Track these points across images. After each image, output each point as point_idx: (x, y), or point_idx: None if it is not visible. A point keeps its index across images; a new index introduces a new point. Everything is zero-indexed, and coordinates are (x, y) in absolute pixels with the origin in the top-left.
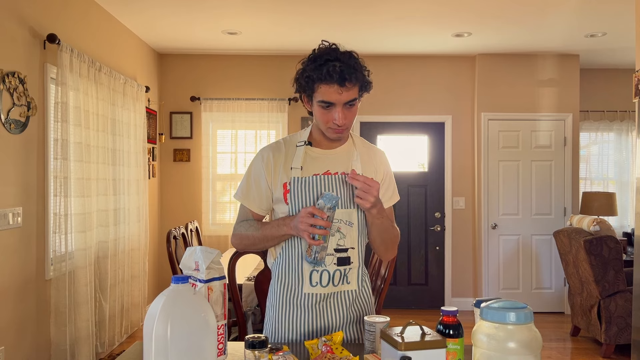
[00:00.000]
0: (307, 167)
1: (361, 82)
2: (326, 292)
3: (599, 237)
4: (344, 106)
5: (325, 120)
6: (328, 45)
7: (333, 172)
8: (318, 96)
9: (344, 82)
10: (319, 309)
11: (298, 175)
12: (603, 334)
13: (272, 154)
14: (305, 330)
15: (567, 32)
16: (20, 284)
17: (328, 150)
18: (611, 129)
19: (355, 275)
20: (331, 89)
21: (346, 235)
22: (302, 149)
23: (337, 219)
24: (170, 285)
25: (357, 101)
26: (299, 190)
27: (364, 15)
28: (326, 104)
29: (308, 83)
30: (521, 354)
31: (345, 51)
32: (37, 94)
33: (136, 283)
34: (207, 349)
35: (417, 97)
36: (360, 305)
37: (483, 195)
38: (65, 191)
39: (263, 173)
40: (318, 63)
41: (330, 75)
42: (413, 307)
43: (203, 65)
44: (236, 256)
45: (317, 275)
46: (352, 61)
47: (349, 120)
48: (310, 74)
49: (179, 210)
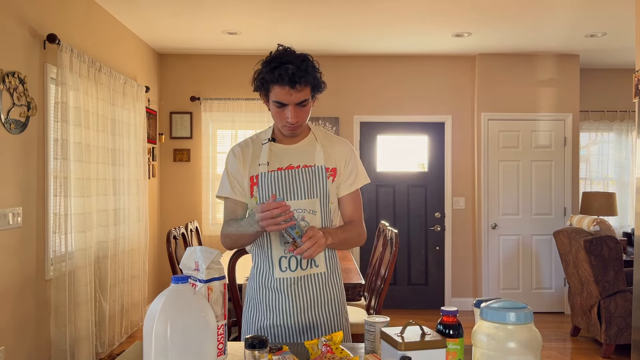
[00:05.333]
0: (272, 162)
1: (312, 84)
2: (296, 275)
3: (599, 237)
4: (296, 106)
5: (279, 119)
6: (283, 49)
7: (295, 165)
8: (272, 96)
9: (295, 85)
10: (292, 291)
11: (264, 171)
12: (603, 334)
13: (241, 150)
14: (279, 311)
15: (567, 32)
16: (20, 284)
17: (290, 145)
18: (611, 129)
19: (322, 258)
20: (283, 90)
21: (310, 222)
22: (267, 146)
23: (300, 208)
24: (170, 285)
25: (310, 101)
26: (265, 185)
27: (364, 15)
28: (279, 104)
29: (263, 84)
30: (521, 354)
31: (299, 54)
32: (37, 94)
33: (136, 283)
34: (207, 349)
35: (417, 97)
36: (332, 287)
37: (483, 195)
38: (65, 191)
39: (239, 167)
40: (272, 65)
41: (282, 78)
42: (413, 307)
43: (203, 65)
44: (236, 256)
45: (285, 261)
46: (304, 64)
47: (301, 118)
48: (264, 75)
49: (179, 210)
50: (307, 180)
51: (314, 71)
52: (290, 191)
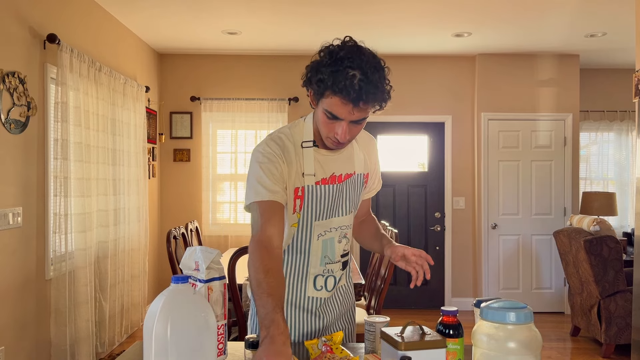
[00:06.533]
0: (316, 171)
1: (379, 102)
2: (330, 295)
3: (599, 237)
4: (350, 123)
5: (326, 130)
6: (354, 46)
7: (337, 174)
8: (326, 104)
9: (359, 103)
10: (320, 310)
11: (312, 184)
12: (603, 334)
13: (281, 151)
14: (302, 331)
15: (567, 32)
16: (20, 284)
17: (332, 151)
18: (611, 129)
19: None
20: (343, 104)
21: (349, 239)
22: (310, 152)
23: (344, 225)
24: (170, 285)
25: (367, 118)
26: (312, 200)
27: (363, 15)
28: (332, 117)
29: (320, 87)
30: (521, 354)
31: (371, 60)
32: (37, 94)
33: (136, 283)
34: (207, 349)
35: (417, 97)
36: (347, 299)
37: (483, 195)
38: (65, 191)
39: (283, 170)
40: (336, 68)
41: (347, 92)
42: (413, 307)
43: (203, 65)
44: (236, 256)
45: (321, 280)
46: (376, 76)
47: (353, 136)
48: (324, 77)
49: (179, 210)
50: (349, 193)
51: (383, 85)
52: (336, 207)
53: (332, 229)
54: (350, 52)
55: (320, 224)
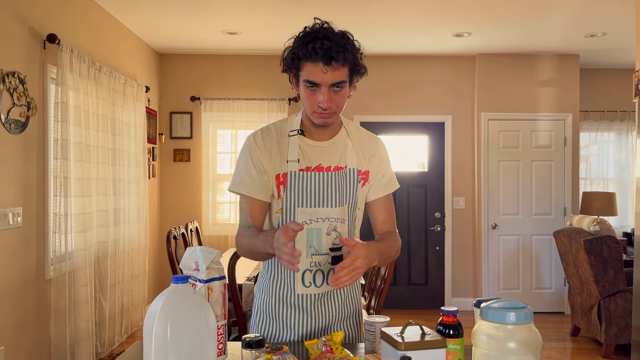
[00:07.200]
0: (300, 159)
1: (351, 64)
2: (320, 292)
3: (599, 237)
4: (330, 88)
5: (310, 103)
6: (320, 24)
7: (325, 166)
8: (303, 75)
9: (330, 61)
10: (314, 309)
11: (295, 170)
12: (603, 334)
13: (263, 140)
14: (298, 329)
15: (567, 32)
16: (20, 284)
17: (321, 143)
18: (611, 129)
19: None
20: (316, 67)
21: (341, 232)
22: (295, 140)
23: (333, 217)
24: (170, 285)
25: (347, 84)
26: (295, 186)
27: (363, 15)
28: (311, 84)
29: (294, 61)
30: (521, 354)
31: (338, 31)
32: (37, 94)
33: (136, 283)
34: (207, 349)
35: (417, 97)
36: (352, 301)
37: (483, 195)
38: (65, 191)
39: (262, 160)
40: (305, 40)
41: (316, 52)
42: (413, 307)
43: (203, 65)
44: (236, 256)
45: (310, 275)
46: (343, 40)
47: (336, 104)
48: (296, 50)
49: (179, 210)
50: (339, 186)
51: (353, 49)
52: (323, 197)
53: (319, 219)
54: (315, 27)
55: (304, 211)
